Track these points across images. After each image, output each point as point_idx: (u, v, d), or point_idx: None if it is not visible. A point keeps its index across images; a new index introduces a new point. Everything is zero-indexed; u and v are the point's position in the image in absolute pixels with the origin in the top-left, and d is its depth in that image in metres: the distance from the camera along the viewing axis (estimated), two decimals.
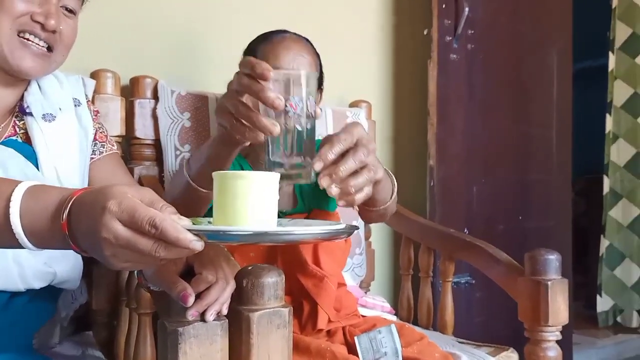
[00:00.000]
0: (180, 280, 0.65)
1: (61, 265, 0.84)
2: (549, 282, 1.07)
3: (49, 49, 0.86)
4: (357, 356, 1.00)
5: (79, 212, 0.53)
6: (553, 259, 1.10)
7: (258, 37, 1.13)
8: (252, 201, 0.59)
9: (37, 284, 0.82)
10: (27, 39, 0.83)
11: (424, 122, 1.74)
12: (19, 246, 0.56)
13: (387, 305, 1.47)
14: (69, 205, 0.53)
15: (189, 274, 0.70)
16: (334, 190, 0.70)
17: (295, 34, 1.11)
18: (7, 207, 0.54)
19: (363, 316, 1.17)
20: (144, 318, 0.95)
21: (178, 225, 0.52)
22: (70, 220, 0.53)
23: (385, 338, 1.02)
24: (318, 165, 0.69)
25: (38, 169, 0.84)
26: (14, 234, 0.54)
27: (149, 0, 1.43)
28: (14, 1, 0.81)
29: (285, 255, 1.05)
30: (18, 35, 0.83)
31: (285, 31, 1.11)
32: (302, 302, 1.04)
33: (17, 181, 0.58)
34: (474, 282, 1.78)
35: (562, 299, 1.09)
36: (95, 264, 1.19)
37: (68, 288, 0.90)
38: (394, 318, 1.42)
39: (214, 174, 0.62)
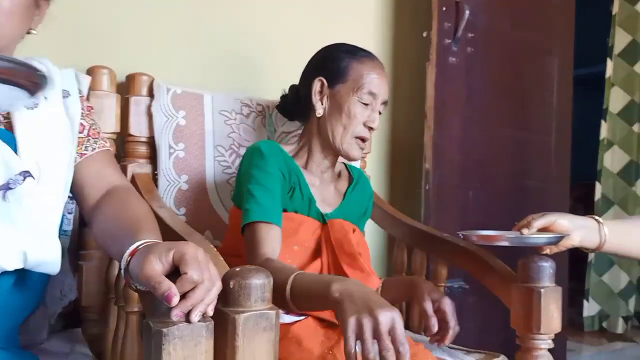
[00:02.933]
0: (165, 280, 0.65)
1: (32, 245, 0.81)
2: (542, 290, 1.06)
3: None
4: None
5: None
6: (547, 266, 1.09)
7: (337, 47, 1.20)
8: None
9: (7, 263, 0.78)
10: None
11: (421, 124, 1.74)
12: None
13: None
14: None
15: (175, 274, 0.70)
16: None
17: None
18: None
19: None
20: (132, 317, 0.94)
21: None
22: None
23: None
24: None
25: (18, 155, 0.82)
26: None
27: None
28: None
29: (332, 249, 1.11)
30: None
31: (368, 51, 1.20)
32: None
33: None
34: (467, 287, 1.77)
35: (555, 307, 1.08)
36: (85, 259, 1.19)
37: (47, 272, 0.85)
38: None
39: None
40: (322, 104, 1.16)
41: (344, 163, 1.32)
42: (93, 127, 0.98)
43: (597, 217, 1.12)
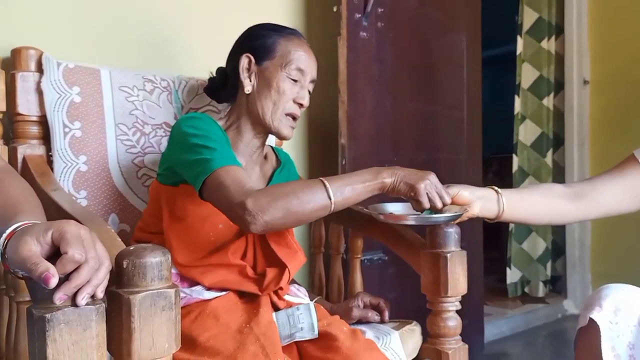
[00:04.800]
0: (42, 260, 0.59)
1: None
2: (448, 255, 1.10)
3: None
4: None
5: None
6: (452, 232, 1.12)
7: (263, 25, 1.18)
8: None
9: None
10: None
11: (335, 100, 1.73)
12: None
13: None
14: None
15: (58, 256, 0.64)
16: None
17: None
18: None
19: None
20: (23, 307, 0.88)
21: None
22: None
23: (302, 314, 1.03)
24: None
25: None
26: None
27: None
28: None
29: None
30: None
31: (294, 29, 1.19)
32: (266, 270, 1.07)
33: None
34: (386, 258, 1.80)
35: (461, 270, 1.12)
36: None
37: None
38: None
39: None
40: (250, 81, 1.13)
41: (271, 146, 1.30)
42: None
43: (496, 188, 1.17)
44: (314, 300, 1.28)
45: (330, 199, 0.95)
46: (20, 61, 1.17)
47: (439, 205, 1.02)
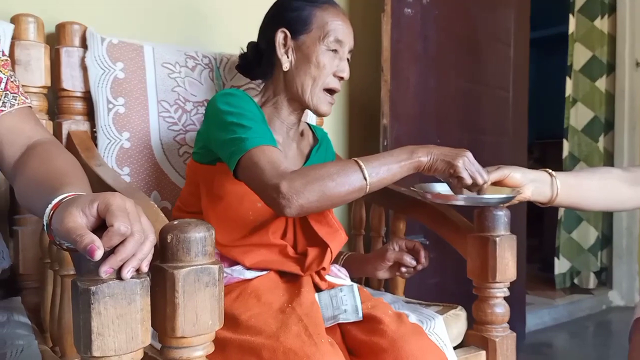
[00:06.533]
0: (88, 232, 0.58)
1: None
2: (497, 239, 1.05)
3: None
4: None
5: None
6: (502, 215, 1.08)
7: None
8: None
9: None
10: None
11: (377, 78, 1.69)
12: None
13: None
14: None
15: (103, 229, 0.63)
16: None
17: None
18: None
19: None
20: (67, 280, 0.88)
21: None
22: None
23: (346, 296, 1.01)
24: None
25: None
26: None
27: None
28: None
29: None
30: None
31: None
32: (307, 249, 1.05)
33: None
34: (427, 242, 1.76)
35: (511, 255, 1.07)
36: (20, 224, 1.11)
37: None
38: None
39: None
40: (287, 57, 1.09)
41: (307, 123, 1.27)
42: (11, 80, 0.89)
43: (550, 171, 1.10)
44: (344, 256, 1.27)
45: (365, 179, 0.93)
46: (64, 36, 1.17)
47: (481, 180, 0.98)
